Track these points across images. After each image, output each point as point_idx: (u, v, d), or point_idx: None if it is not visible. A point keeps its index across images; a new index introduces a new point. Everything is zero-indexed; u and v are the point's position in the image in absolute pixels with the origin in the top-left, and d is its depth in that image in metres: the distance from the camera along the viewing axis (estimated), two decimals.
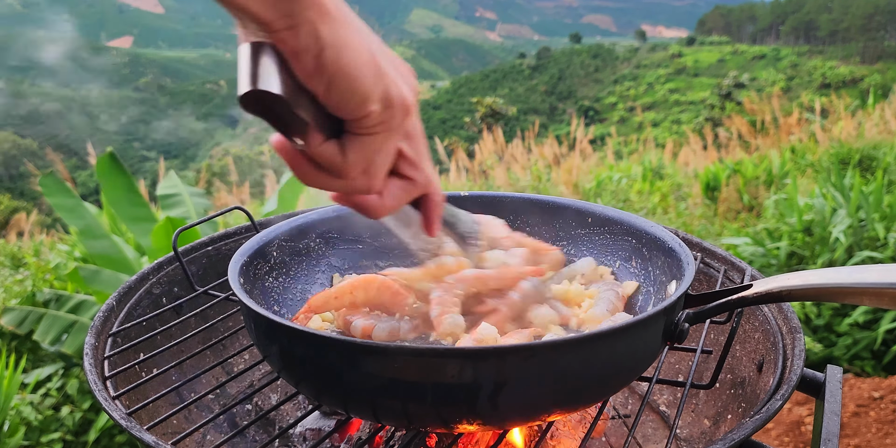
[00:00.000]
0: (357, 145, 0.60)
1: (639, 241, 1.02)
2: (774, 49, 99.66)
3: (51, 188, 3.56)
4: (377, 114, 0.58)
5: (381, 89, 0.57)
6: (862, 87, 55.63)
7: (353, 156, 0.60)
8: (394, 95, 0.59)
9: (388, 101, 0.58)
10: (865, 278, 0.73)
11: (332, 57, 0.54)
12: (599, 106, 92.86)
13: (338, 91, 0.56)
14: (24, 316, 3.37)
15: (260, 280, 0.95)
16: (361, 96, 0.56)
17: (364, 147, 0.60)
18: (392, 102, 0.59)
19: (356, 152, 0.60)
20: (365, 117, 0.58)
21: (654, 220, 2.97)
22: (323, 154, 0.59)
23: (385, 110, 0.59)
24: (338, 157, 0.60)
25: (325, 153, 0.59)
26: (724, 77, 54.35)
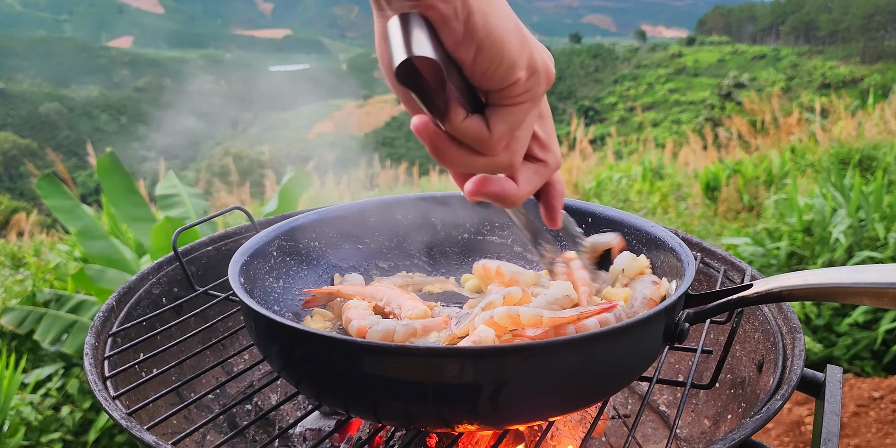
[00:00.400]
0: (503, 117, 0.58)
1: (639, 241, 1.02)
2: (774, 49, 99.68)
3: (48, 190, 3.56)
4: (523, 81, 0.57)
5: (526, 56, 0.57)
6: (862, 87, 55.62)
7: (498, 128, 0.58)
8: (538, 62, 0.58)
9: (533, 68, 0.58)
10: (865, 278, 0.73)
11: (481, 22, 0.53)
12: (599, 106, 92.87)
13: (487, 57, 0.55)
14: (24, 316, 3.36)
15: (260, 280, 0.95)
16: (509, 62, 0.55)
17: (509, 118, 0.59)
18: (537, 69, 0.58)
19: (502, 124, 0.59)
20: (512, 85, 0.57)
21: (654, 220, 2.97)
22: (468, 128, 0.58)
23: (530, 77, 0.58)
24: (483, 131, 0.58)
25: (469, 127, 0.58)
26: (724, 77, 54.35)
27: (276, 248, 1.00)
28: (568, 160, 8.30)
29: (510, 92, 0.57)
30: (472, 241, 1.17)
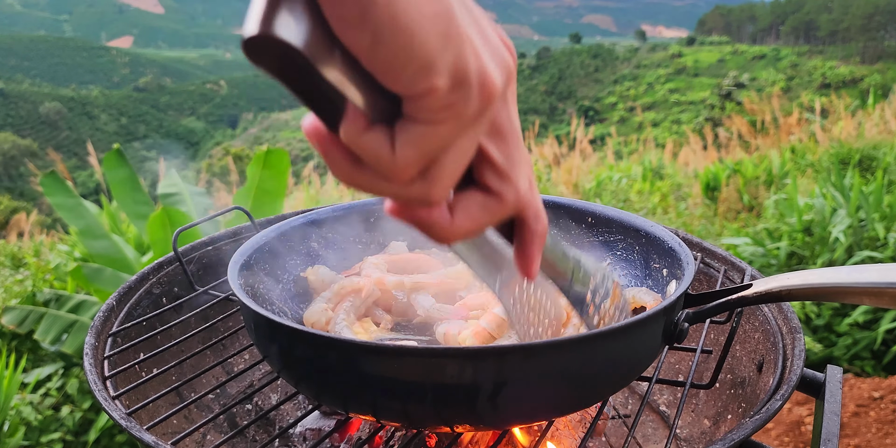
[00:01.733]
0: (412, 135, 0.42)
1: (639, 241, 1.02)
2: (774, 49, 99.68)
3: (51, 188, 3.57)
4: (443, 93, 0.40)
5: (451, 57, 0.40)
6: (862, 87, 55.62)
7: (404, 150, 0.42)
8: (470, 69, 0.41)
9: (460, 77, 0.41)
10: (865, 278, 0.73)
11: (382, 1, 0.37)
12: (599, 106, 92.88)
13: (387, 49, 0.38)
14: (24, 315, 3.37)
15: (259, 280, 0.95)
16: (420, 62, 0.39)
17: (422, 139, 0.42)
18: (466, 79, 0.41)
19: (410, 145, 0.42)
20: (425, 95, 0.40)
21: (654, 220, 2.97)
22: (364, 143, 0.42)
23: (455, 89, 0.41)
24: (384, 151, 0.42)
25: (367, 142, 0.42)
26: (724, 77, 54.38)
27: (276, 248, 1.00)
28: (568, 160, 8.30)
29: (423, 104, 0.41)
30: None
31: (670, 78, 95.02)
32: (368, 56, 0.39)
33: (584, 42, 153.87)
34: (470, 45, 0.41)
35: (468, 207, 0.50)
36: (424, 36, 0.39)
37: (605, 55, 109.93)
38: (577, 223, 1.11)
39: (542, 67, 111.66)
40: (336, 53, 0.39)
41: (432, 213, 0.48)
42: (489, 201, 0.50)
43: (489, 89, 0.43)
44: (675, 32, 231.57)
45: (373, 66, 0.40)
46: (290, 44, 0.37)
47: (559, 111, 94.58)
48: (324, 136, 0.44)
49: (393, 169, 0.43)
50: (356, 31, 0.38)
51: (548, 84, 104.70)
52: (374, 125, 0.42)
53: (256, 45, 0.37)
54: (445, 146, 0.44)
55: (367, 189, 0.45)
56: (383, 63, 0.39)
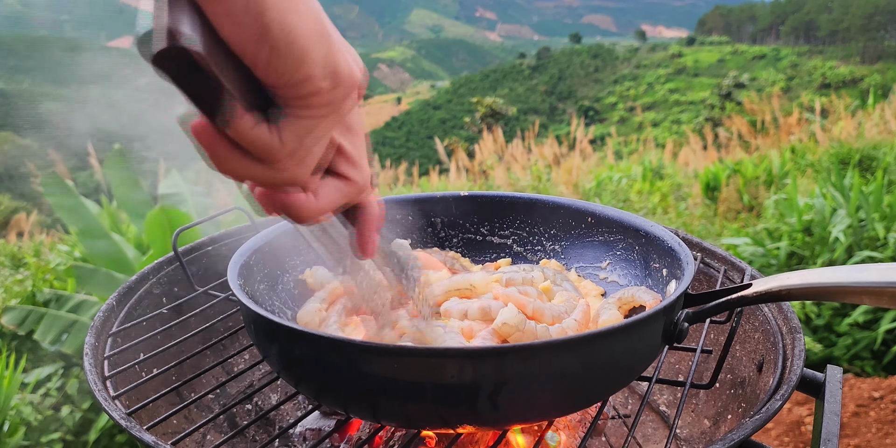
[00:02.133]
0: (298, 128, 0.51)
1: (639, 241, 1.02)
2: (774, 49, 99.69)
3: (52, 188, 3.57)
4: (326, 91, 0.50)
5: (331, 62, 0.49)
6: (862, 87, 55.63)
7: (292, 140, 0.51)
8: (342, 71, 0.51)
9: (337, 77, 0.50)
10: (865, 277, 0.73)
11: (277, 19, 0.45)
12: (599, 106, 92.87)
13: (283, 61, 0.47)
14: (24, 315, 3.37)
15: (259, 280, 0.95)
16: (310, 68, 0.48)
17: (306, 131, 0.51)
18: (341, 79, 0.51)
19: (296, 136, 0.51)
20: (313, 94, 0.50)
21: (654, 220, 2.97)
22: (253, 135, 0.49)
23: (334, 88, 0.50)
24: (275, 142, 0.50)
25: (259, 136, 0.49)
26: (724, 77, 54.38)
27: (276, 248, 1.00)
28: (568, 160, 8.30)
29: (310, 102, 0.50)
30: (472, 242, 1.17)
31: (670, 78, 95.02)
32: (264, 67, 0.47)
33: (584, 42, 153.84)
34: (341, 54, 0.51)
35: (327, 191, 0.59)
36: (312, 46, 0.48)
37: (605, 55, 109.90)
38: (577, 223, 1.11)
39: (542, 67, 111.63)
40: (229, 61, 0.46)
41: (299, 197, 0.57)
42: (342, 185, 0.61)
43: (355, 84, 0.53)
44: (675, 32, 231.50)
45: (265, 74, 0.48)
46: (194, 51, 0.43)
47: (559, 111, 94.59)
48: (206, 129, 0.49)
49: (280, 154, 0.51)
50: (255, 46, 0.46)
51: (548, 84, 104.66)
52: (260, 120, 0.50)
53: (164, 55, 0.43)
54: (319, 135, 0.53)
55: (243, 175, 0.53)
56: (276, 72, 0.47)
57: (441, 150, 9.91)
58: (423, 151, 70.86)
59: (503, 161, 8.98)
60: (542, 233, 1.14)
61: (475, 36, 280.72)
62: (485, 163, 9.07)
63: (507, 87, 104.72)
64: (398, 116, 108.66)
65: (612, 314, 0.92)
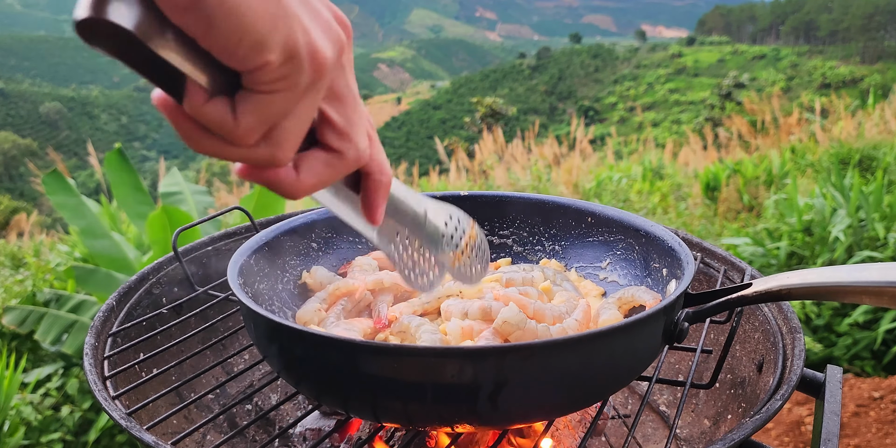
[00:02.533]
0: (251, 105, 0.47)
1: (639, 241, 1.02)
2: (774, 49, 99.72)
3: (53, 186, 3.57)
4: (275, 66, 0.45)
5: (282, 35, 0.45)
6: (862, 87, 55.63)
7: (246, 118, 0.47)
8: (300, 44, 0.46)
9: (291, 52, 0.46)
10: (865, 277, 0.73)
11: None
12: (599, 106, 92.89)
13: (220, 32, 0.43)
14: (24, 315, 3.37)
15: (259, 280, 0.95)
16: (252, 41, 0.44)
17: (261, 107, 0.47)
18: (296, 53, 0.46)
19: (250, 114, 0.47)
20: (259, 69, 0.45)
21: (654, 220, 2.97)
22: (208, 114, 0.47)
23: (287, 62, 0.46)
24: (227, 119, 0.47)
25: (210, 113, 0.47)
26: (724, 77, 54.40)
27: (276, 248, 1.00)
28: (568, 160, 8.31)
29: (259, 77, 0.46)
30: None
31: (670, 78, 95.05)
32: (203, 38, 0.43)
33: (584, 42, 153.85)
34: (298, 23, 0.46)
35: (313, 165, 0.55)
36: (253, 18, 0.43)
37: (605, 55, 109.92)
38: (577, 223, 1.11)
39: (542, 67, 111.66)
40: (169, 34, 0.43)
41: (279, 172, 0.54)
42: (332, 158, 0.56)
43: (319, 61, 0.48)
44: (675, 32, 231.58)
45: (208, 46, 0.44)
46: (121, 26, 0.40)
47: (559, 111, 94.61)
48: (172, 107, 0.48)
49: (236, 135, 0.48)
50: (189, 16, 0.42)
51: (548, 84, 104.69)
52: (215, 97, 0.47)
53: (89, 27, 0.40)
54: (283, 113, 0.49)
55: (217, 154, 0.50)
56: (217, 43, 0.44)
57: (441, 150, 9.91)
58: (423, 151, 70.91)
59: (503, 161, 8.98)
60: (542, 233, 1.14)
61: (475, 36, 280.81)
62: (485, 163, 9.07)
63: (507, 87, 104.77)
64: (398, 116, 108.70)
65: (612, 314, 0.92)
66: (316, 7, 0.49)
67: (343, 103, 0.56)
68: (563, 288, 1.01)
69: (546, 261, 1.12)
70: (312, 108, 0.51)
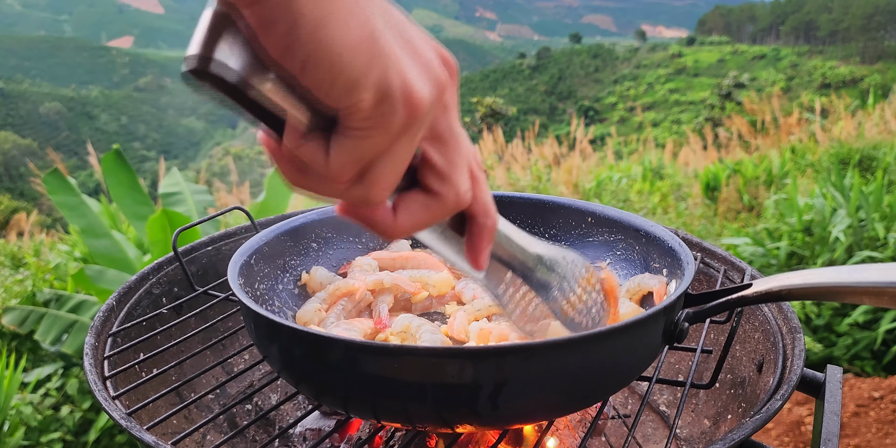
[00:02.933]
0: (343, 144, 0.48)
1: (639, 241, 1.02)
2: (774, 49, 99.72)
3: (54, 186, 3.57)
4: (368, 106, 0.46)
5: (374, 76, 0.45)
6: (862, 87, 55.64)
7: (338, 158, 0.48)
8: (394, 85, 0.46)
9: (384, 92, 0.46)
10: (865, 277, 0.73)
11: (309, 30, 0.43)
12: (599, 106, 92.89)
13: (316, 73, 0.44)
14: (24, 315, 3.37)
15: (259, 280, 0.95)
16: (346, 81, 0.44)
17: (353, 147, 0.48)
18: (390, 94, 0.46)
19: (342, 153, 0.48)
20: (352, 109, 0.46)
21: (654, 220, 2.97)
22: (301, 152, 0.48)
23: (380, 103, 0.46)
24: (319, 158, 0.48)
25: (303, 151, 0.48)
26: (724, 77, 54.39)
27: (276, 248, 1.00)
28: (568, 160, 8.30)
29: (351, 117, 0.47)
30: None
31: (670, 78, 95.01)
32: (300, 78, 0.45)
33: (584, 42, 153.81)
34: (394, 64, 0.46)
35: (410, 207, 0.55)
36: (349, 59, 0.44)
37: (605, 55, 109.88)
38: (577, 223, 1.11)
39: (542, 67, 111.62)
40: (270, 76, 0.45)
41: (375, 212, 0.54)
42: (430, 201, 0.55)
43: (415, 103, 0.47)
44: (675, 32, 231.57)
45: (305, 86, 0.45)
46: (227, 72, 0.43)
47: (559, 111, 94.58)
48: (273, 145, 0.50)
49: (329, 174, 0.49)
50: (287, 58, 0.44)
51: (548, 84, 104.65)
52: (311, 135, 0.48)
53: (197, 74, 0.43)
54: (376, 154, 0.49)
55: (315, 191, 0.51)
56: (313, 83, 0.45)
57: None
58: None
59: (503, 161, 8.98)
60: (541, 233, 1.14)
61: (475, 36, 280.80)
62: (485, 163, 9.07)
63: (507, 87, 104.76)
64: None
65: (629, 307, 0.93)
66: (417, 46, 0.49)
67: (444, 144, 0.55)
68: None
69: None
70: (408, 150, 0.50)
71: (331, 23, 0.43)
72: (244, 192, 8.32)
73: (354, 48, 0.44)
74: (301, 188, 0.52)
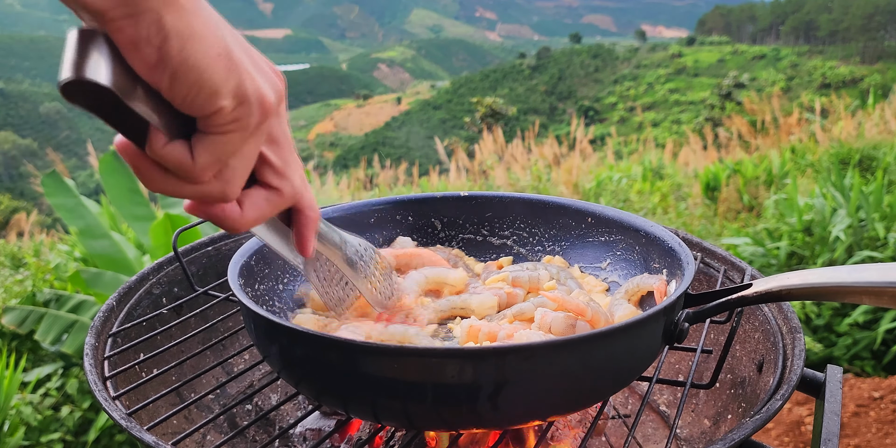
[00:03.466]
0: (208, 145, 0.55)
1: (639, 241, 1.02)
2: (774, 49, 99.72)
3: (52, 188, 3.57)
4: (229, 110, 0.54)
5: (233, 83, 0.53)
6: (862, 87, 55.65)
7: (203, 157, 0.55)
8: (249, 91, 0.54)
9: (242, 97, 0.54)
10: (865, 277, 0.73)
11: (177, 47, 0.50)
12: (599, 106, 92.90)
13: (183, 84, 0.51)
14: (24, 316, 3.37)
15: (259, 280, 0.95)
16: (209, 90, 0.52)
17: (216, 147, 0.55)
18: (247, 99, 0.54)
19: (207, 153, 0.55)
20: (215, 114, 0.53)
21: (654, 220, 2.97)
22: (168, 155, 0.54)
23: (239, 107, 0.54)
24: (186, 159, 0.55)
25: (170, 154, 0.54)
26: (724, 77, 54.38)
27: None
28: (568, 160, 8.30)
29: (214, 121, 0.54)
30: (473, 242, 1.17)
31: (670, 78, 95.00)
32: (169, 90, 0.51)
33: (584, 42, 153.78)
34: (247, 74, 0.54)
35: (255, 201, 0.64)
36: (210, 72, 0.52)
37: (605, 55, 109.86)
38: (577, 223, 1.11)
39: (542, 67, 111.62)
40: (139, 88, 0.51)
41: (225, 208, 0.61)
42: (271, 195, 0.65)
43: (266, 105, 0.56)
44: (675, 32, 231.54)
45: (173, 97, 0.52)
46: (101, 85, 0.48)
47: (559, 111, 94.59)
48: (133, 152, 0.55)
49: (193, 173, 0.55)
50: (158, 72, 0.51)
51: (548, 84, 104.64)
52: (174, 140, 0.54)
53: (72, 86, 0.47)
54: (234, 152, 0.56)
55: (172, 193, 0.57)
56: (181, 94, 0.52)
57: (441, 150, 9.91)
58: (423, 151, 70.93)
59: (503, 161, 8.97)
60: (542, 233, 1.14)
61: (475, 36, 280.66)
62: (485, 163, 9.07)
63: (507, 87, 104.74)
64: (398, 116, 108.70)
65: (627, 308, 0.92)
66: (258, 61, 0.58)
67: (280, 146, 0.63)
68: (567, 286, 1.01)
69: (549, 258, 1.12)
70: (257, 148, 0.59)
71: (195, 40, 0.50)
72: None
73: (214, 62, 0.52)
74: (160, 191, 0.57)
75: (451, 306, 0.97)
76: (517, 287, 1.01)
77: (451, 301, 0.97)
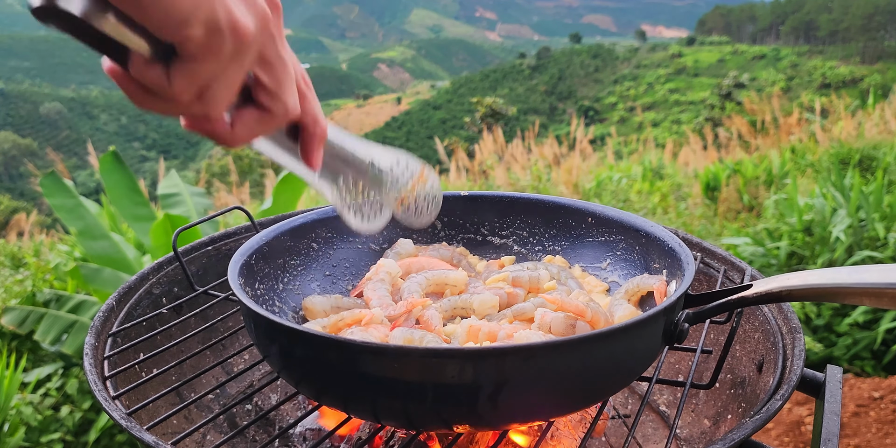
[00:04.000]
0: (181, 70, 0.56)
1: (639, 241, 1.02)
2: (774, 49, 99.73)
3: (51, 189, 3.57)
4: (199, 39, 0.54)
5: (204, 12, 0.53)
6: (862, 87, 55.65)
7: (178, 81, 0.56)
8: (221, 19, 0.54)
9: (212, 26, 0.54)
10: (865, 278, 0.73)
11: None
12: (599, 106, 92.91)
13: (151, 12, 0.52)
14: (24, 316, 3.37)
15: (259, 280, 0.95)
16: (177, 18, 0.52)
17: (189, 72, 0.56)
18: (218, 27, 0.54)
19: (182, 77, 0.56)
20: (185, 42, 0.54)
21: (654, 220, 2.97)
22: (146, 78, 0.56)
23: (211, 35, 0.54)
24: (162, 81, 0.56)
25: (148, 77, 0.56)
26: (724, 77, 54.38)
27: (276, 248, 1.00)
28: (568, 160, 8.30)
29: (186, 48, 0.55)
30: (473, 242, 1.17)
31: (670, 78, 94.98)
32: (137, 16, 0.52)
33: (584, 42, 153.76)
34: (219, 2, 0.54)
35: (246, 121, 0.65)
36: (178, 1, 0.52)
37: (605, 55, 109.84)
38: (577, 223, 1.11)
39: (542, 67, 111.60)
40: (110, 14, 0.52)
41: (216, 125, 0.63)
42: (262, 115, 0.66)
43: (241, 33, 0.56)
44: (675, 32, 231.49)
45: (143, 23, 0.53)
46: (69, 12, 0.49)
47: (559, 111, 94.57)
48: (119, 73, 0.57)
49: (170, 93, 0.57)
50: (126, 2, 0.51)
51: (548, 84, 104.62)
52: (154, 63, 0.56)
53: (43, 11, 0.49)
54: (211, 77, 0.57)
55: (161, 111, 0.60)
56: (149, 21, 0.52)
57: (441, 150, 9.91)
58: (423, 151, 70.95)
59: (503, 161, 8.97)
60: (542, 233, 1.14)
61: (475, 36, 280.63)
62: (485, 163, 9.07)
63: (507, 87, 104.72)
64: (398, 116, 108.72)
65: (626, 309, 0.92)
66: None
67: (272, 67, 0.64)
68: (567, 286, 1.01)
69: (550, 258, 1.12)
70: (238, 73, 0.60)
71: None
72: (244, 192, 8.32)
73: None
74: (147, 108, 0.60)
75: (453, 306, 0.97)
76: (517, 287, 1.01)
77: (453, 301, 0.97)
